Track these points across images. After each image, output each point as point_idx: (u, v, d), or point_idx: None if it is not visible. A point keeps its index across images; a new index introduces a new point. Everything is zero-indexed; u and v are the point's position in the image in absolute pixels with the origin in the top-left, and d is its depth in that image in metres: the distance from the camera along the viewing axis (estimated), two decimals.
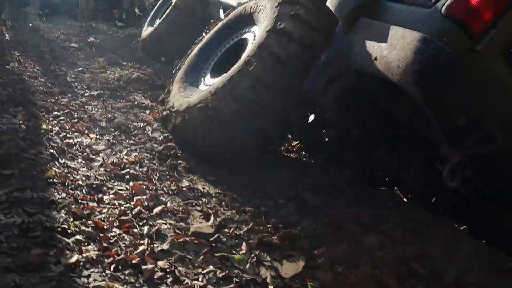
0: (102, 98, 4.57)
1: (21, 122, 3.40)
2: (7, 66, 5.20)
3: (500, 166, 2.44)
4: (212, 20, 5.84)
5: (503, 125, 2.22)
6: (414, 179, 3.09)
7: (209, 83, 3.46)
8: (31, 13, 13.91)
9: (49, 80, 5.01)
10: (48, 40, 8.82)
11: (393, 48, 2.32)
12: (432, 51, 2.16)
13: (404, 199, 3.33)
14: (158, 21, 6.70)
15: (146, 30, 6.87)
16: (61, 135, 3.35)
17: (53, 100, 4.22)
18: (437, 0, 2.25)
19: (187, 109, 3.12)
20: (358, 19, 2.66)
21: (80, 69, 6.05)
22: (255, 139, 2.99)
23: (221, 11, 5.21)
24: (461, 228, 2.91)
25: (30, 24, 11.28)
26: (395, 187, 3.38)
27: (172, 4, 6.40)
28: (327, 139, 3.51)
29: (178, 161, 3.15)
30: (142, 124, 3.85)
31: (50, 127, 3.46)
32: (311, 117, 3.35)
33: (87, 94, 4.66)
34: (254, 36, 3.43)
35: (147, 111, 4.30)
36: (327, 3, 2.82)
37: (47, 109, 3.90)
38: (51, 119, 3.67)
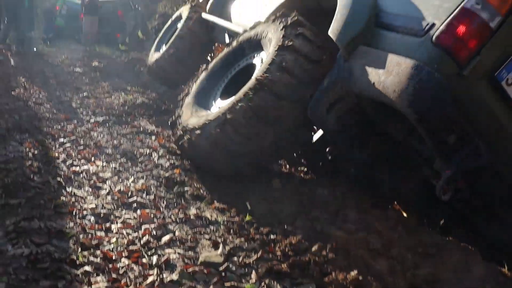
0: (107, 124, 4.59)
1: (27, 149, 3.41)
2: (13, 92, 5.25)
3: (485, 179, 2.68)
4: (216, 44, 5.96)
5: (487, 141, 2.46)
6: (412, 194, 3.25)
7: (220, 105, 3.60)
8: (35, 37, 14.06)
9: (54, 106, 5.05)
10: (53, 65, 8.91)
11: (389, 74, 2.53)
12: (423, 77, 2.38)
13: (405, 214, 3.35)
14: (164, 47, 6.78)
15: (153, 56, 6.93)
16: (67, 163, 3.36)
17: (59, 127, 4.24)
18: (428, 30, 2.48)
19: (202, 126, 3.30)
20: (357, 47, 2.85)
21: (85, 94, 6.10)
22: (270, 149, 3.25)
23: (226, 36, 5.27)
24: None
25: (35, 49, 11.38)
26: (395, 202, 3.48)
27: (178, 30, 6.49)
28: (329, 157, 3.60)
29: (185, 188, 3.14)
30: (148, 151, 3.85)
31: (56, 154, 3.48)
32: (316, 135, 3.50)
33: (92, 120, 4.69)
34: (261, 60, 3.56)
35: (153, 137, 4.30)
36: (329, 32, 2.97)
37: (53, 136, 3.92)
38: (57, 146, 3.69)
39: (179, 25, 6.55)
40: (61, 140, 3.85)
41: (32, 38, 12.04)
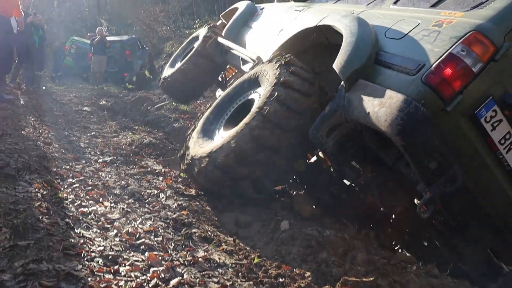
0: (115, 164, 4.62)
1: (36, 190, 3.43)
2: (22, 132, 5.30)
3: (460, 201, 3.05)
4: (228, 66, 6.62)
5: (463, 169, 2.83)
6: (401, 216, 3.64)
7: (223, 135, 3.95)
8: (44, 75, 14.30)
9: (63, 145, 5.09)
10: (61, 103, 9.01)
11: (382, 106, 2.88)
12: (411, 110, 2.71)
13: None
14: (179, 64, 7.17)
15: (168, 71, 7.37)
16: (76, 204, 3.37)
17: (68, 167, 4.27)
18: (419, 70, 2.85)
19: (209, 154, 3.67)
20: (357, 80, 3.21)
21: (92, 133, 6.16)
22: (271, 172, 3.62)
23: (240, 60, 5.50)
24: None
25: (44, 87, 11.53)
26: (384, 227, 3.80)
27: (194, 49, 6.89)
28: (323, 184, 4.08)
29: (193, 230, 3.14)
30: (155, 192, 3.87)
31: (65, 195, 3.49)
32: (312, 159, 3.97)
33: (100, 160, 4.72)
34: (259, 96, 3.96)
35: (160, 178, 4.33)
36: (333, 65, 3.32)
37: (62, 176, 3.94)
38: (66, 186, 3.70)
39: (196, 45, 6.96)
40: (70, 180, 3.87)
41: (41, 76, 12.27)
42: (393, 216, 3.72)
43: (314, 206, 3.96)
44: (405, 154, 2.87)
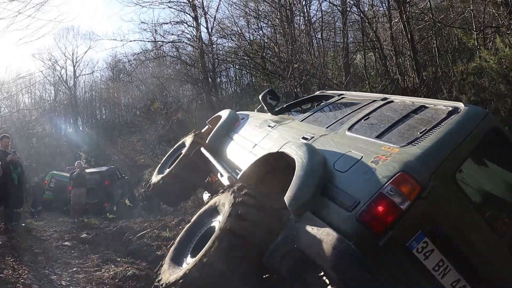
0: None
1: None
2: (1, 275, 5.17)
3: None
4: (212, 173, 6.82)
5: None
6: None
7: (189, 261, 4.11)
8: (23, 211, 14.14)
9: (43, 286, 4.96)
10: (41, 239, 8.88)
11: (321, 241, 3.12)
12: (343, 248, 2.96)
13: None
14: (167, 170, 7.37)
15: (156, 177, 7.54)
16: None
17: None
18: (355, 207, 3.13)
19: (183, 276, 3.75)
20: (304, 212, 3.42)
21: (74, 269, 6.03)
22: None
23: (219, 174, 5.74)
24: None
25: (23, 224, 11.38)
26: None
27: (181, 155, 7.16)
28: None
29: None
30: None
31: None
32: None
33: None
34: (219, 222, 4.11)
35: None
36: (284, 198, 3.57)
37: None
38: None
39: (183, 151, 7.24)
40: None
41: (20, 213, 12.12)
42: None
43: None
44: (339, 284, 3.13)
